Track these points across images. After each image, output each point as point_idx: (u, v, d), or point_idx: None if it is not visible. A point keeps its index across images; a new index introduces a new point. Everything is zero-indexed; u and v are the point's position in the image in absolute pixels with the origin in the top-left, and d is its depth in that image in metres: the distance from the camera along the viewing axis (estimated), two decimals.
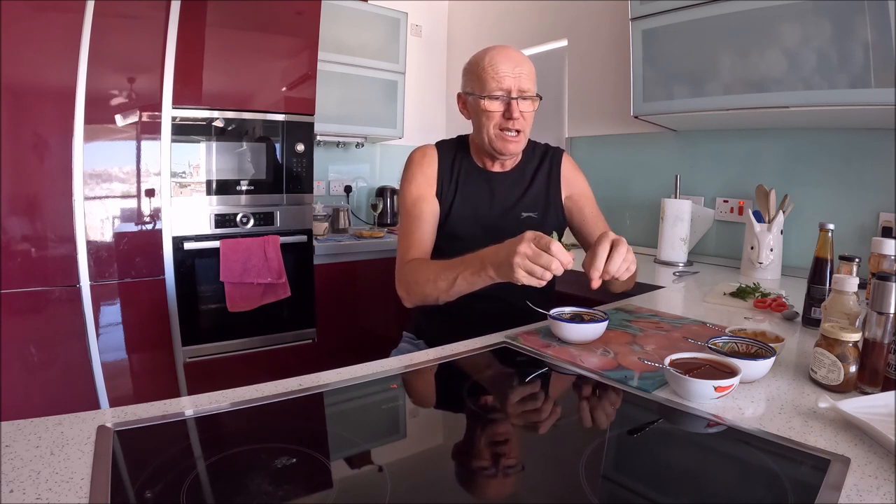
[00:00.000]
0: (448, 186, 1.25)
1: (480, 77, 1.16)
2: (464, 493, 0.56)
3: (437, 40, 3.28)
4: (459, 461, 0.61)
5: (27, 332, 1.67)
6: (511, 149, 1.20)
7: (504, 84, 1.14)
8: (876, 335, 0.75)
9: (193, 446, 0.63)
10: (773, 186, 1.72)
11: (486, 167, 1.28)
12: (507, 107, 1.15)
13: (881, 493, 0.52)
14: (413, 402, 0.81)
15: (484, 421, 0.73)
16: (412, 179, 1.25)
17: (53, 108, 1.65)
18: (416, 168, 1.26)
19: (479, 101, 1.16)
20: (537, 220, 1.28)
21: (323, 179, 2.85)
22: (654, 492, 0.56)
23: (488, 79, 1.15)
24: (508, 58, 1.16)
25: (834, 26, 1.36)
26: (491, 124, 1.17)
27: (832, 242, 1.08)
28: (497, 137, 1.18)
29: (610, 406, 0.75)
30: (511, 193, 1.28)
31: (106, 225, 1.78)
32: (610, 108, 2.32)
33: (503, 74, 1.14)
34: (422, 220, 1.21)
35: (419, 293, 1.10)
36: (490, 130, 1.18)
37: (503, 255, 0.91)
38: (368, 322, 2.47)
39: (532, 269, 0.87)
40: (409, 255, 1.17)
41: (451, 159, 1.27)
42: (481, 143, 1.22)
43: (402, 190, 1.26)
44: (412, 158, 1.28)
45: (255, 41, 2.02)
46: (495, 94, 1.14)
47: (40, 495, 0.49)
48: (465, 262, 1.02)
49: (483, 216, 1.25)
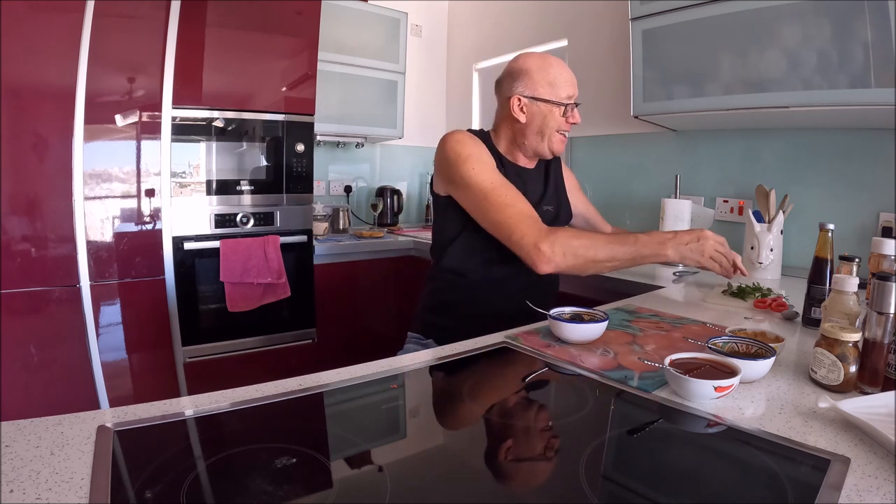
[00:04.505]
0: None
1: (553, 84, 1.23)
2: (464, 493, 0.56)
3: (437, 40, 3.28)
4: (460, 461, 0.61)
5: (27, 332, 1.67)
6: (562, 149, 1.30)
7: (570, 91, 1.25)
8: (876, 335, 0.75)
9: (193, 446, 0.63)
10: (773, 186, 1.72)
11: (517, 162, 1.33)
12: (571, 111, 1.25)
13: (881, 493, 0.52)
14: (413, 402, 0.81)
15: (484, 421, 0.72)
16: (486, 161, 1.19)
17: (53, 108, 1.65)
18: (482, 150, 1.21)
19: (552, 107, 1.23)
20: (553, 213, 1.35)
21: (323, 179, 2.85)
22: (654, 492, 0.56)
23: (562, 85, 1.23)
24: (567, 67, 1.27)
25: (834, 26, 1.36)
26: (555, 127, 1.25)
27: (832, 242, 1.08)
28: (556, 140, 1.27)
29: (610, 406, 0.75)
30: (537, 188, 1.35)
31: (106, 225, 1.78)
32: (610, 108, 2.32)
33: (569, 82, 1.25)
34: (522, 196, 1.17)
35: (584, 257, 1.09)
36: (553, 134, 1.26)
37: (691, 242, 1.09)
38: (368, 322, 2.47)
39: (721, 259, 1.10)
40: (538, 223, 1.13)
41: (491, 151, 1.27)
42: (535, 144, 1.27)
43: (471, 168, 1.17)
44: (466, 142, 1.21)
45: (255, 41, 2.02)
46: (565, 102, 1.24)
47: (40, 495, 0.49)
48: (639, 241, 1.12)
49: None
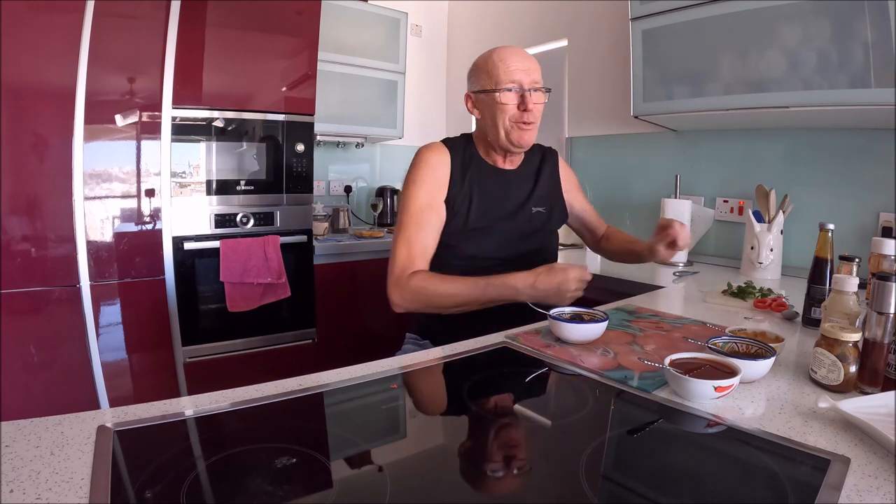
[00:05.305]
0: (462, 187, 1.24)
1: (492, 73, 1.20)
2: (464, 493, 0.56)
3: (437, 40, 3.28)
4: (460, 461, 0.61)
5: (27, 332, 1.66)
6: (526, 140, 1.22)
7: (516, 77, 1.19)
8: (876, 335, 0.75)
9: (193, 446, 0.63)
10: (773, 186, 1.72)
11: (496, 164, 1.30)
12: (521, 99, 1.19)
13: (881, 493, 0.52)
14: (413, 402, 0.81)
15: (484, 421, 0.72)
16: (422, 183, 1.21)
17: (53, 108, 1.65)
18: (427, 171, 1.22)
19: (494, 96, 1.19)
20: (545, 214, 1.33)
21: (323, 179, 2.85)
22: (654, 492, 0.56)
23: (501, 74, 1.19)
24: (517, 53, 1.21)
25: (834, 26, 1.36)
26: (506, 117, 1.20)
27: (832, 242, 1.08)
28: (513, 129, 1.21)
29: (610, 406, 0.75)
30: (522, 190, 1.32)
31: (106, 225, 1.78)
32: (610, 108, 2.32)
33: (514, 69, 1.19)
34: (428, 229, 1.19)
35: (428, 304, 1.13)
36: (506, 123, 1.20)
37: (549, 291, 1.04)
38: (368, 322, 2.47)
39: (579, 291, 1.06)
40: (414, 265, 1.15)
41: (462, 158, 1.27)
42: (495, 138, 1.24)
43: (407, 190, 1.21)
44: (423, 159, 1.24)
45: (255, 41, 2.02)
46: (509, 87, 1.18)
47: (40, 495, 0.49)
48: (492, 285, 1.08)
49: (500, 213, 1.27)
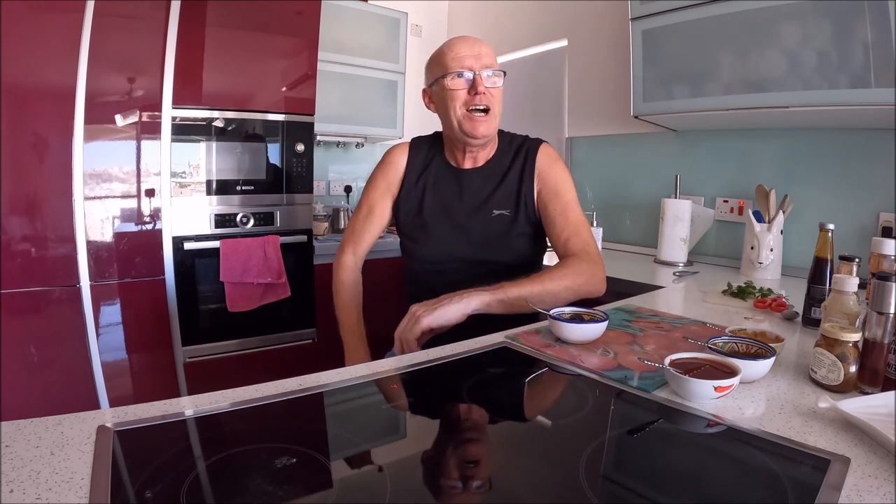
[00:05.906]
0: (415, 186, 1.27)
1: (440, 62, 1.17)
2: (464, 493, 0.56)
3: (437, 40, 3.25)
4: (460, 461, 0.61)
5: (27, 332, 1.66)
6: (482, 130, 1.15)
7: (465, 63, 1.14)
8: (876, 335, 0.75)
9: (193, 446, 0.63)
10: (773, 186, 1.72)
11: (458, 164, 1.26)
12: (471, 84, 1.14)
13: (881, 493, 0.52)
14: (413, 402, 0.81)
15: (484, 421, 0.72)
16: (376, 183, 1.30)
17: (53, 108, 1.65)
18: (379, 171, 1.31)
19: (443, 82, 1.15)
20: (509, 217, 1.22)
21: (323, 179, 2.86)
22: (653, 492, 0.56)
23: (448, 61, 1.15)
24: (465, 40, 1.17)
25: (834, 26, 1.36)
26: (458, 104, 1.14)
27: (832, 242, 1.08)
28: (465, 118, 1.15)
29: (610, 406, 0.75)
30: (482, 191, 1.24)
31: (106, 225, 1.78)
32: (610, 108, 2.32)
33: (463, 55, 1.14)
34: (372, 224, 1.31)
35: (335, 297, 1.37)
36: (458, 111, 1.15)
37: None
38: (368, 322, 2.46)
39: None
40: (352, 248, 1.33)
41: (423, 157, 1.28)
42: (451, 131, 1.19)
43: (367, 183, 1.32)
44: (383, 159, 1.31)
45: (255, 41, 2.02)
46: (459, 72, 1.13)
47: (40, 495, 0.49)
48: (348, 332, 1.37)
49: (453, 215, 1.23)
